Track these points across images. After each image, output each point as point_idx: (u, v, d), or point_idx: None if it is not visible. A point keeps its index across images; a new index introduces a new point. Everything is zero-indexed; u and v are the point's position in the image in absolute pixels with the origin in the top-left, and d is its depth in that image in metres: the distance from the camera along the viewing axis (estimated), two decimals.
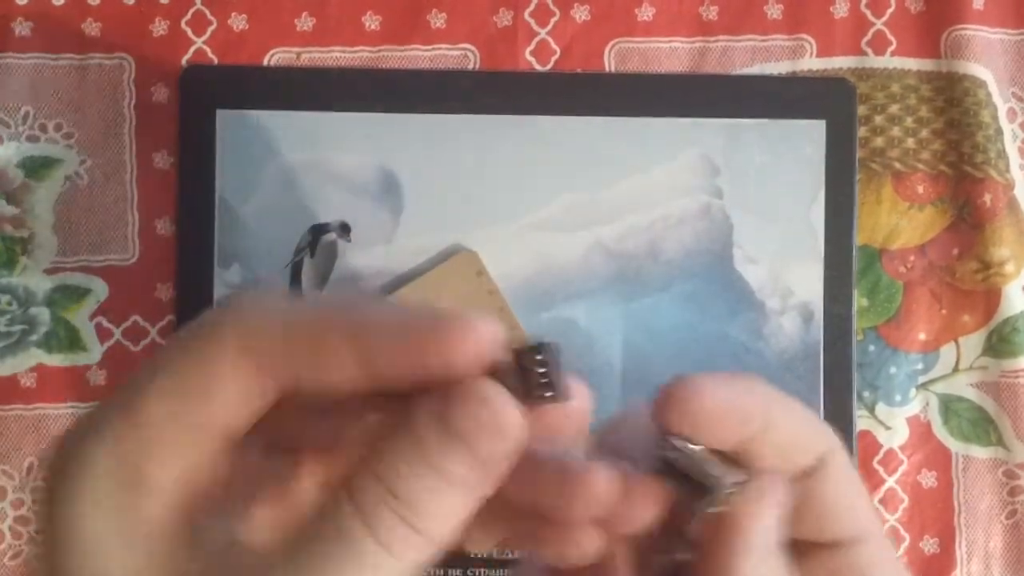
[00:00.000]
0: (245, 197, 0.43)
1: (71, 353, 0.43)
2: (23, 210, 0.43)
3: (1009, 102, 0.45)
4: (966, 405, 0.45)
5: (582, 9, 0.45)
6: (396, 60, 0.45)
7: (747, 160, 0.43)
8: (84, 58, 0.44)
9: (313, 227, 0.43)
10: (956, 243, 0.45)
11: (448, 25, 0.45)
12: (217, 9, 0.44)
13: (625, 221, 0.43)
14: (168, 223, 0.44)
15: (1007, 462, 0.44)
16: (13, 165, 0.43)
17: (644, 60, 0.45)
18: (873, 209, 0.45)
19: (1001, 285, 0.44)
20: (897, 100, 0.45)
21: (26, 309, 0.43)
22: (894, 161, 0.45)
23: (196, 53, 0.44)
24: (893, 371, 0.45)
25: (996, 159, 0.44)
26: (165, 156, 0.44)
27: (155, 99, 0.44)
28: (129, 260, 0.44)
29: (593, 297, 0.43)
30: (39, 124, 0.44)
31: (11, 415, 0.43)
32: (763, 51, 0.45)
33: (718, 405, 0.22)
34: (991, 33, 0.45)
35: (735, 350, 0.43)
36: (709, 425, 0.22)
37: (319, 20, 0.44)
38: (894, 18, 0.45)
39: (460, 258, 0.42)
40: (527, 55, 0.45)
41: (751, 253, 0.43)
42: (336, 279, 0.43)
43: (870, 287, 0.45)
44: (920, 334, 0.45)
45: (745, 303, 0.43)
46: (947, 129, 0.45)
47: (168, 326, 0.43)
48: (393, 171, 0.43)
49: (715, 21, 0.45)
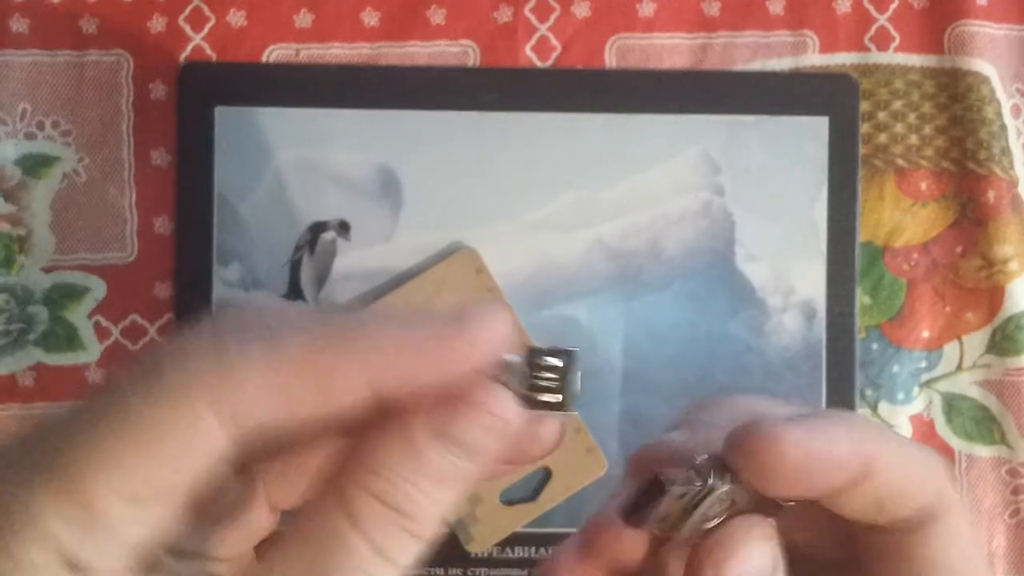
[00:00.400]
0: (244, 195, 0.42)
1: (69, 352, 0.43)
2: (20, 208, 0.43)
3: (1013, 98, 0.45)
4: (969, 404, 0.44)
5: (583, 5, 0.45)
6: (395, 57, 0.44)
7: (749, 157, 0.43)
8: (82, 55, 0.44)
9: (312, 225, 0.43)
10: (960, 240, 0.44)
11: (448, 21, 0.44)
12: (215, 5, 0.44)
13: (626, 219, 0.43)
14: (167, 221, 0.43)
15: (1010, 461, 0.44)
16: (10, 163, 0.43)
17: (645, 56, 0.45)
18: (876, 206, 0.44)
19: (1005, 283, 0.44)
20: (900, 96, 0.45)
21: (24, 308, 0.43)
22: (897, 158, 0.44)
23: (194, 50, 0.44)
24: (896, 369, 0.44)
25: (1000, 156, 0.44)
26: (163, 154, 0.44)
27: (153, 96, 0.44)
28: (127, 258, 0.43)
29: (594, 295, 0.43)
30: (36, 121, 0.43)
31: (9, 415, 0.43)
32: (765, 47, 0.45)
33: (801, 456, 0.20)
34: (995, 29, 0.45)
35: (737, 348, 0.43)
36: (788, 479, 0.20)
37: (318, 17, 0.44)
38: (897, 14, 0.45)
39: (460, 256, 0.42)
40: (527, 51, 0.44)
41: (753, 251, 0.43)
42: (335, 277, 0.43)
43: (873, 285, 0.44)
44: (923, 332, 0.44)
45: (747, 301, 0.43)
46: (951, 125, 0.45)
47: (167, 324, 0.43)
48: (393, 168, 0.43)
49: (717, 17, 0.45)
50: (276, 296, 0.42)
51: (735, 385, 0.43)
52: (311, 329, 0.19)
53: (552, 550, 0.25)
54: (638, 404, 0.43)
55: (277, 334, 0.19)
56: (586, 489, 0.42)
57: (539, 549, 0.42)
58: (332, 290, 0.43)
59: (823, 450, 0.20)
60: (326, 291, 0.43)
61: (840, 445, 0.20)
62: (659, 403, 0.43)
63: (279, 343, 0.19)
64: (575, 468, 0.42)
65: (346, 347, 0.19)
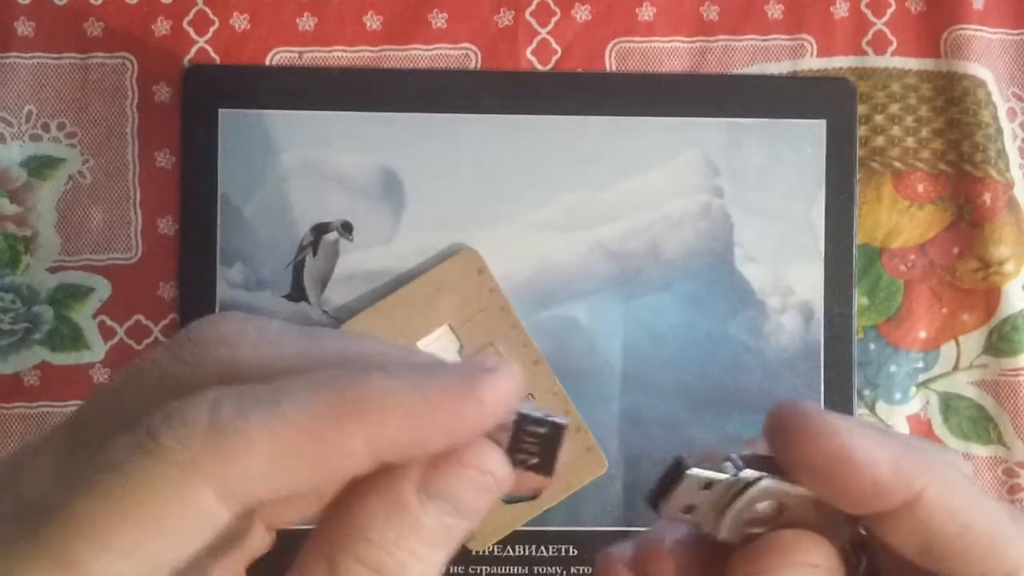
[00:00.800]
0: (247, 196, 0.43)
1: (74, 351, 0.44)
2: (26, 209, 0.44)
3: (1009, 102, 0.45)
4: (966, 403, 0.45)
5: (583, 9, 0.45)
6: (397, 60, 0.45)
7: (747, 159, 0.43)
8: (86, 57, 0.44)
9: (315, 226, 0.43)
10: (956, 242, 0.45)
11: (449, 25, 0.45)
12: (219, 9, 0.44)
13: (626, 221, 0.43)
14: (170, 222, 0.44)
15: (1007, 460, 0.45)
16: (16, 164, 0.44)
17: (645, 60, 0.45)
18: (873, 208, 0.45)
19: (1001, 284, 0.44)
20: (897, 99, 0.45)
21: (29, 307, 0.43)
22: (894, 160, 0.45)
23: (198, 52, 0.44)
24: (893, 369, 0.45)
25: (996, 158, 0.44)
26: (167, 155, 0.44)
27: (157, 98, 0.44)
28: (132, 259, 0.44)
29: (594, 296, 0.43)
30: (42, 123, 0.44)
31: (14, 413, 0.43)
32: (763, 51, 0.45)
33: (836, 446, 0.18)
34: (991, 33, 0.45)
35: (736, 349, 0.43)
36: (819, 468, 0.18)
37: (320, 20, 0.45)
38: (894, 18, 0.45)
39: (461, 257, 0.43)
40: (528, 55, 0.45)
41: (752, 252, 0.43)
42: (337, 277, 0.43)
43: (870, 286, 0.45)
44: (920, 333, 0.45)
45: (746, 302, 0.43)
46: (947, 128, 0.45)
47: (171, 324, 0.44)
48: (394, 170, 0.43)
49: (715, 21, 0.45)
50: (279, 297, 0.43)
51: (734, 385, 0.43)
52: (314, 389, 0.18)
53: (605, 553, 0.24)
54: (638, 404, 0.43)
55: (278, 396, 0.18)
56: (586, 488, 0.42)
57: (539, 547, 0.43)
58: (334, 290, 0.43)
59: (862, 450, 0.18)
60: (328, 291, 0.43)
61: (883, 453, 0.19)
62: (658, 403, 0.43)
63: (280, 412, 0.18)
64: (575, 467, 0.42)
65: (351, 418, 0.18)
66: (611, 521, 0.43)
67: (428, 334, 0.42)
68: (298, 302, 0.43)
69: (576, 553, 0.43)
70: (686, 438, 0.43)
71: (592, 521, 0.43)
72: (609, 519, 0.43)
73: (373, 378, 0.18)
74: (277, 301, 0.43)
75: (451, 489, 0.19)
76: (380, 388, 0.18)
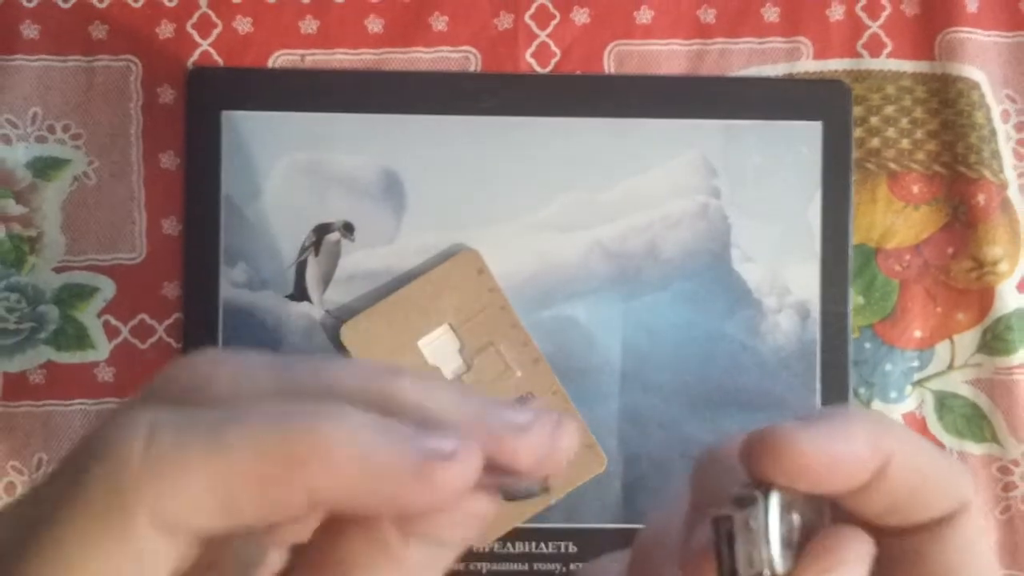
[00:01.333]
0: (250, 197, 0.43)
1: (79, 351, 0.44)
2: (32, 210, 0.44)
3: (1003, 103, 0.46)
4: (960, 402, 0.45)
5: (582, 12, 0.46)
6: (398, 62, 0.45)
7: (744, 161, 0.44)
8: (91, 60, 0.45)
9: (317, 227, 0.43)
10: (951, 242, 0.45)
11: (450, 28, 0.45)
12: (222, 12, 0.45)
13: (625, 220, 0.44)
14: (175, 223, 0.44)
15: (1001, 458, 0.45)
16: (22, 165, 0.44)
17: (643, 62, 0.46)
18: (869, 209, 0.45)
19: (995, 284, 0.45)
20: (892, 102, 0.45)
21: (35, 307, 0.44)
22: (889, 161, 0.45)
23: (202, 55, 0.45)
24: (889, 368, 0.45)
25: (990, 160, 0.45)
26: (172, 156, 0.45)
27: (162, 100, 0.45)
28: (136, 259, 0.44)
29: (593, 295, 0.44)
30: (47, 125, 0.44)
31: (21, 411, 0.44)
32: (760, 53, 0.46)
33: (819, 454, 0.18)
34: (985, 36, 0.46)
35: (733, 348, 0.44)
36: (807, 477, 0.19)
37: (323, 23, 0.45)
38: (889, 21, 0.46)
39: (461, 257, 0.43)
40: (528, 57, 0.45)
41: (749, 252, 0.44)
42: (339, 277, 0.43)
43: (866, 285, 0.45)
44: (915, 332, 0.45)
45: (743, 301, 0.44)
46: (942, 130, 0.45)
47: (175, 324, 0.44)
48: (396, 172, 0.44)
49: (713, 24, 0.46)
50: (281, 296, 0.43)
51: (732, 383, 0.43)
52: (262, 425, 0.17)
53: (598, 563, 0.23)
54: (637, 402, 0.43)
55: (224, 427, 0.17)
56: (585, 485, 0.43)
57: (539, 544, 0.43)
58: (336, 290, 0.43)
59: (842, 448, 0.19)
60: (330, 291, 0.43)
61: (858, 441, 0.19)
62: (657, 401, 0.43)
63: (222, 443, 0.17)
64: (574, 464, 0.42)
65: (295, 462, 0.17)
66: (610, 518, 0.43)
67: (428, 333, 0.42)
68: (300, 302, 0.43)
69: (575, 550, 0.43)
70: (684, 436, 0.43)
71: (591, 518, 0.43)
72: (608, 516, 0.43)
73: (323, 427, 0.17)
74: (280, 301, 0.43)
75: (432, 530, 0.18)
76: (337, 429, 0.17)
